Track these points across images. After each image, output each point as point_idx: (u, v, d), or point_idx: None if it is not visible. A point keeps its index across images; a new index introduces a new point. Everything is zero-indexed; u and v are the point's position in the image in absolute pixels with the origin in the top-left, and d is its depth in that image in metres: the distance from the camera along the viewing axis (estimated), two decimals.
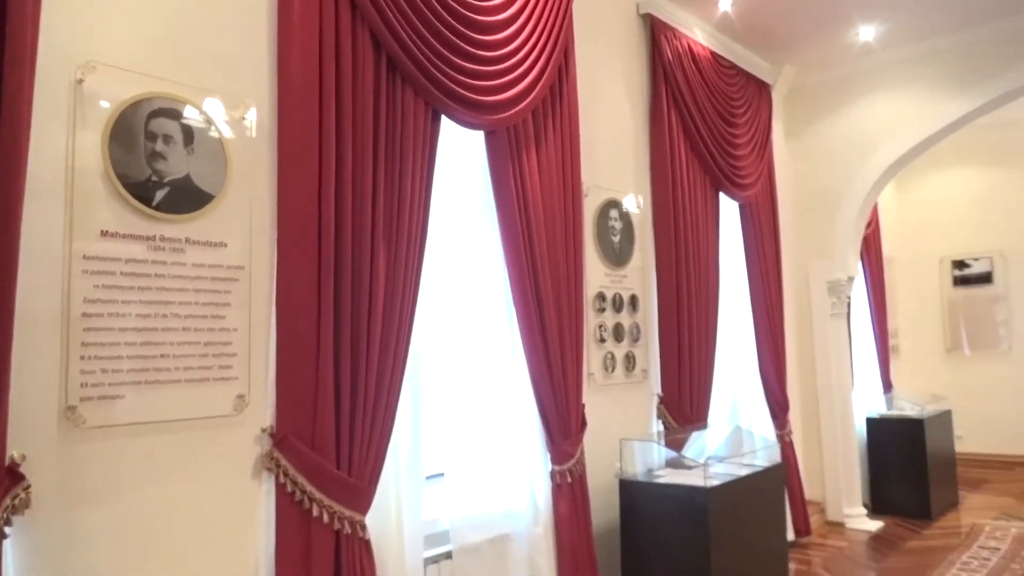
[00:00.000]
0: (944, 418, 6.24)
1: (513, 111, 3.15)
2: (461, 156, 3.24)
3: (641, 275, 4.20)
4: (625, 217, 4.11)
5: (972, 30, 5.15)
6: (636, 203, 4.21)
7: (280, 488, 2.35)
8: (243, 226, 2.37)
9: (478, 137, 3.20)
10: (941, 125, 5.36)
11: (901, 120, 5.52)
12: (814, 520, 5.36)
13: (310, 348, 2.40)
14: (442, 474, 3.07)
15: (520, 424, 3.26)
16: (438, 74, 2.81)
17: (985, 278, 7.54)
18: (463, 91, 2.91)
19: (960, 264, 7.70)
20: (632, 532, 3.48)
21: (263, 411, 2.38)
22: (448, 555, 2.92)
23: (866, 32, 5.07)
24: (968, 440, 7.15)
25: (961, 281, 7.70)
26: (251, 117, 2.41)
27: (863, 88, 5.71)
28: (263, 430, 2.37)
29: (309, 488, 2.35)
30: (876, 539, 5.25)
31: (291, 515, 2.34)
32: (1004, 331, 7.45)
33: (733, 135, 4.87)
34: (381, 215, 2.60)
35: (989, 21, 5.05)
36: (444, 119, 2.93)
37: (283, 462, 2.34)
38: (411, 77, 2.73)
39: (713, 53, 4.86)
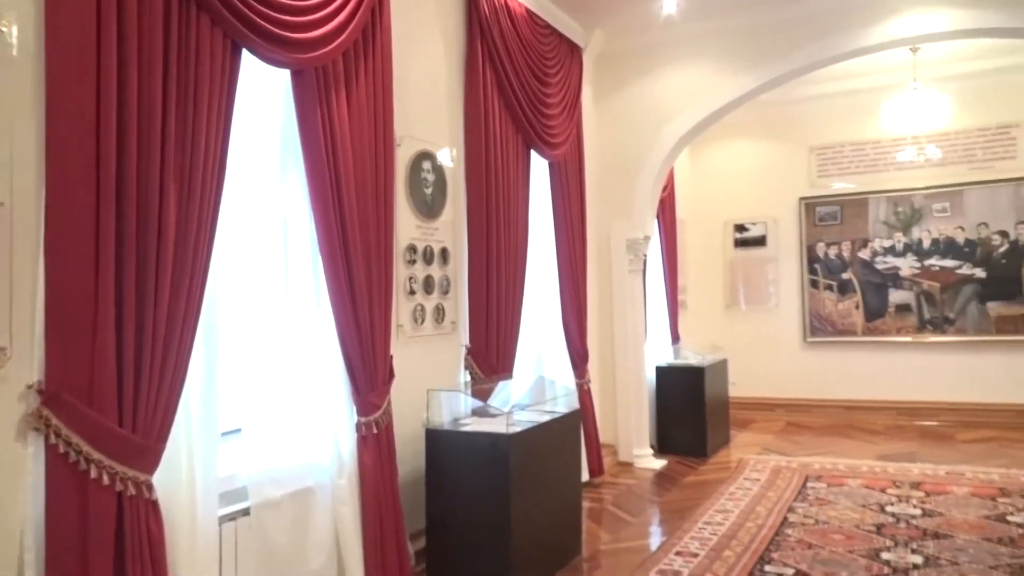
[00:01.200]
0: (721, 366, 6.94)
1: (322, 51, 3.00)
2: (265, 96, 3.06)
3: (453, 228, 4.23)
4: (438, 170, 4.10)
5: (761, 12, 5.61)
6: (450, 156, 4.22)
7: (51, 450, 2.13)
8: (0, 156, 2.09)
9: (284, 77, 3.03)
10: (730, 98, 5.85)
11: (696, 91, 5.95)
12: (607, 461, 5.78)
13: (87, 294, 2.18)
14: (239, 429, 2.95)
15: (324, 376, 3.20)
16: (238, 3, 2.61)
17: (760, 241, 8.41)
18: (267, 24, 2.73)
19: (741, 227, 8.52)
20: (437, 480, 3.57)
21: (29, 365, 2.14)
22: (246, 512, 2.82)
23: (669, 4, 5.37)
24: (740, 386, 8.00)
25: (741, 243, 8.53)
26: (12, 33, 2.11)
27: (665, 58, 6.07)
28: (29, 387, 2.13)
29: (85, 448, 2.16)
30: (660, 476, 5.77)
31: (64, 478, 2.14)
32: (773, 289, 8.37)
33: (546, 94, 4.99)
34: (172, 151, 2.39)
35: (776, 6, 5.53)
36: (245, 54, 2.74)
37: (54, 421, 2.12)
38: (208, 5, 2.51)
39: (529, 11, 4.92)
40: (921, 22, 5.20)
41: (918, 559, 3.78)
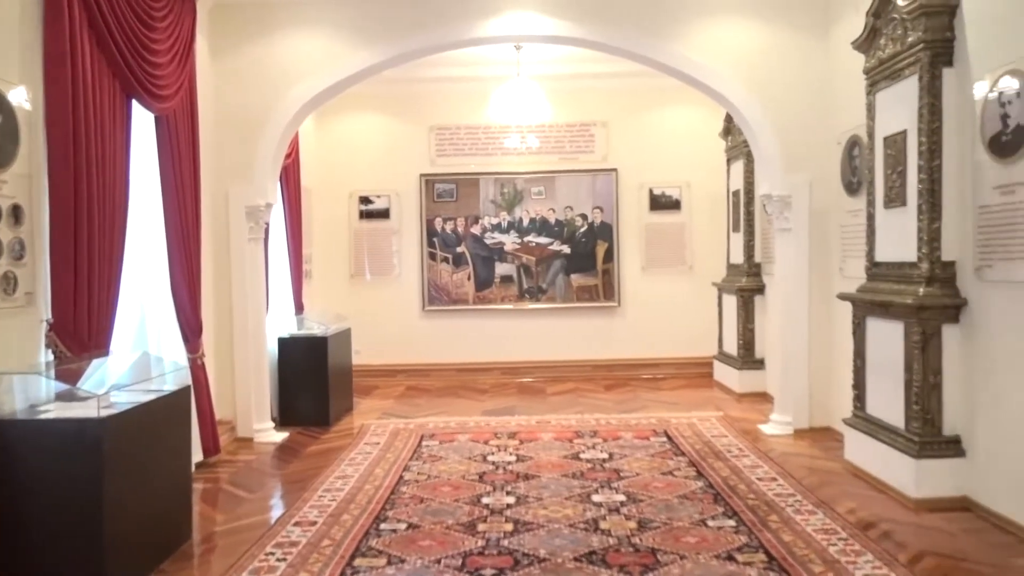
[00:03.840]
0: (345, 336, 7.03)
1: None
2: None
3: (29, 183, 3.57)
4: (7, 112, 3.42)
5: None
6: (25, 98, 3.54)
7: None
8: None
9: None
10: (354, 70, 5.89)
11: (322, 58, 5.87)
12: (225, 438, 5.50)
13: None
14: None
15: None
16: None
17: (384, 213, 8.68)
18: None
19: (366, 199, 8.69)
20: (5, 478, 3.02)
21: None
22: None
23: None
24: (364, 354, 8.21)
25: (366, 215, 8.70)
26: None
27: (289, 19, 5.88)
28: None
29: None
30: (281, 448, 5.67)
31: None
32: (396, 260, 8.71)
33: (151, 39, 4.46)
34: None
35: None
36: None
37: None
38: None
39: None
40: (522, 23, 5.80)
41: (511, 499, 4.29)
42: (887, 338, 4.43)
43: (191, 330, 5.01)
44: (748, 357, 7.41)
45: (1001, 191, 3.73)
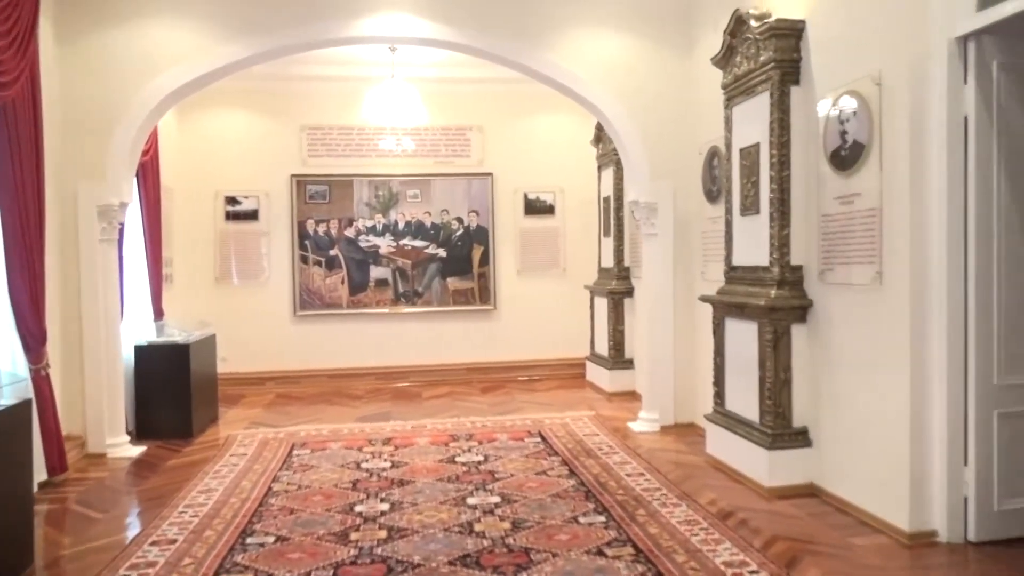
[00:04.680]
0: (209, 342, 6.69)
1: None
2: None
3: None
4: None
5: None
6: None
7: None
8: None
9: None
10: (218, 64, 5.63)
11: (186, 49, 5.58)
12: (73, 455, 5.11)
13: None
14: None
15: None
16: None
17: (253, 215, 8.34)
18: None
19: (233, 200, 8.32)
20: None
21: None
22: None
23: None
24: (231, 361, 7.86)
25: (233, 216, 8.33)
26: None
27: (150, 5, 5.55)
28: None
29: None
30: (138, 464, 5.32)
31: None
32: (266, 263, 8.39)
33: None
34: None
35: None
36: None
37: None
38: None
39: None
40: (397, 24, 5.75)
41: (386, 506, 4.23)
42: (743, 338, 4.71)
43: (33, 339, 4.61)
44: (618, 357, 7.67)
45: (841, 201, 4.06)
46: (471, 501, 4.28)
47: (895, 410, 3.67)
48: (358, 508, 4.21)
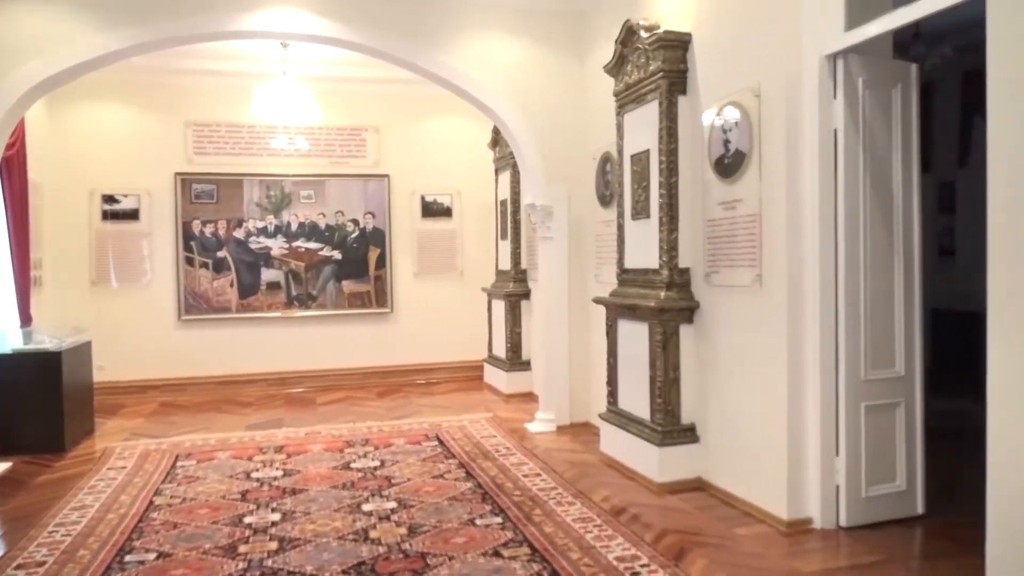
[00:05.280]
0: (83, 350, 6.28)
1: None
2: None
3: None
4: None
5: None
6: None
7: None
8: None
9: None
10: (91, 55, 5.31)
11: (53, 37, 5.22)
12: None
13: None
14: None
15: None
16: None
17: (133, 214, 7.90)
18: None
19: (111, 199, 7.85)
20: None
21: None
22: None
23: None
24: (109, 369, 7.42)
25: (111, 216, 7.86)
26: None
27: None
28: None
29: None
30: (2, 481, 4.93)
31: None
32: (148, 266, 7.97)
33: None
34: None
35: None
36: None
37: None
38: None
39: None
40: (288, 20, 5.59)
41: (276, 516, 4.09)
42: (635, 338, 4.85)
43: None
44: (515, 359, 7.74)
45: (724, 207, 4.25)
46: (366, 507, 4.21)
47: (773, 405, 3.88)
48: (247, 519, 4.06)
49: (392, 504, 4.26)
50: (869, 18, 3.53)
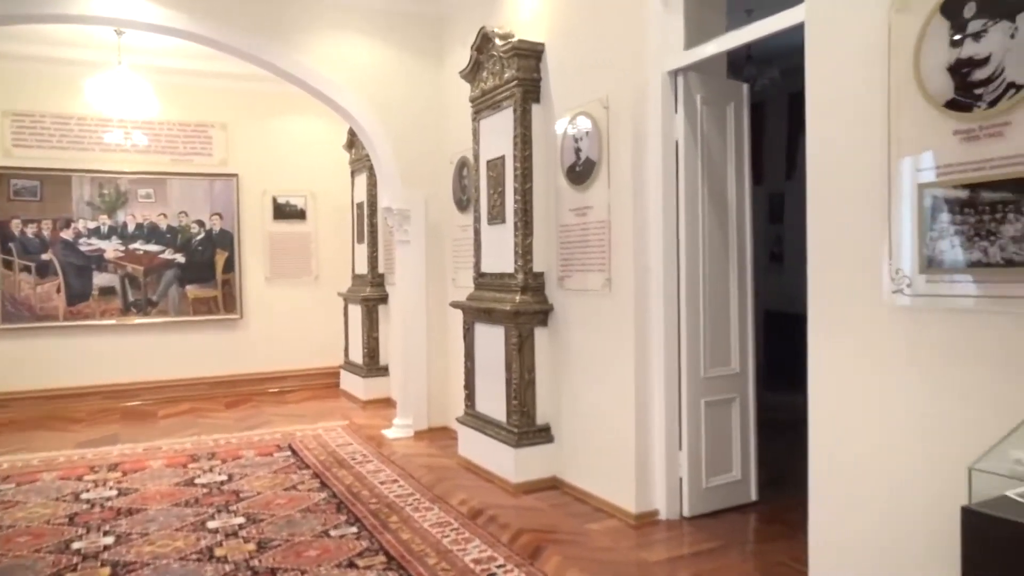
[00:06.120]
0: None
1: None
2: None
3: None
4: None
5: None
6: None
7: None
8: None
9: None
10: None
11: None
12: None
13: None
14: None
15: None
16: None
17: None
18: None
19: None
20: None
21: None
22: None
23: None
24: None
25: None
26: None
27: None
28: None
29: None
30: None
31: None
32: None
33: None
34: None
35: None
36: None
37: None
38: None
39: None
40: (123, 6, 5.20)
41: (110, 540, 3.79)
42: (492, 341, 4.91)
43: None
44: (373, 365, 7.61)
45: (576, 213, 4.39)
46: (212, 525, 3.99)
47: (622, 404, 4.05)
48: (76, 545, 3.73)
49: (240, 519, 4.06)
50: (706, 39, 3.77)
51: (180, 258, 7.97)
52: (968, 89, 2.29)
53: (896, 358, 2.55)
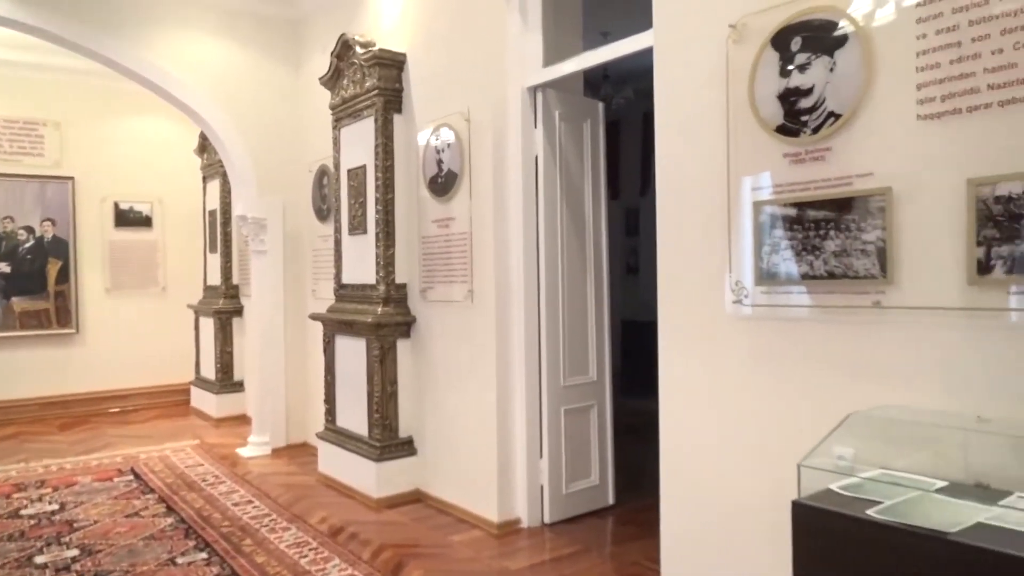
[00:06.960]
0: None
1: None
2: None
3: None
4: None
5: None
6: None
7: None
8: None
9: None
10: None
11: None
12: None
13: None
14: None
15: None
16: None
17: None
18: None
19: None
20: None
21: None
22: None
23: None
24: None
25: None
26: None
27: None
28: None
29: None
30: None
31: None
32: None
33: None
34: None
35: None
36: None
37: None
38: None
39: None
40: None
41: None
42: (353, 354, 4.80)
43: None
44: (226, 380, 7.25)
45: (439, 224, 4.39)
46: (40, 560, 3.64)
47: (485, 414, 4.08)
48: None
49: (74, 552, 3.74)
50: (563, 58, 3.89)
51: (5, 267, 7.26)
52: (795, 116, 2.50)
53: (739, 365, 2.72)
